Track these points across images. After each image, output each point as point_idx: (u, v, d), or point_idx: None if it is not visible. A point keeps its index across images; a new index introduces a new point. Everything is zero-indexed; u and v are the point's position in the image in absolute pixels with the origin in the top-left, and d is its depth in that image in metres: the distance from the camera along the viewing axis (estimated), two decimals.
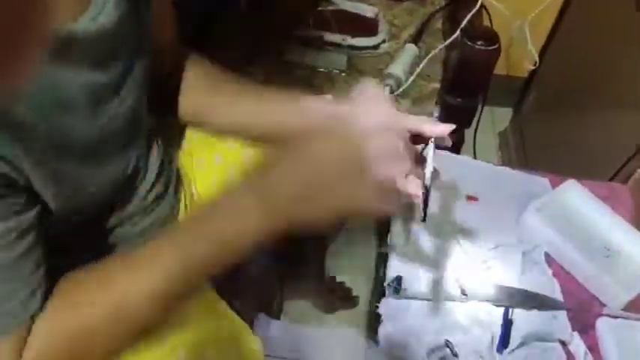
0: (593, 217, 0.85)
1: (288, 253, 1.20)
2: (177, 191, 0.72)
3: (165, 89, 0.65)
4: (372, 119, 0.54)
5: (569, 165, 1.23)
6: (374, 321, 0.80)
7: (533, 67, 1.46)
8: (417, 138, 0.59)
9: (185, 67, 0.67)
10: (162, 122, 0.69)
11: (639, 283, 0.78)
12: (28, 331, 0.45)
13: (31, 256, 0.45)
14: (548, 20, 1.51)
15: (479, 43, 0.98)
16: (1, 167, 0.40)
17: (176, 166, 0.74)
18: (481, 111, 1.33)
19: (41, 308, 0.46)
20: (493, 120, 1.80)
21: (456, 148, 1.12)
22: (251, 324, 0.76)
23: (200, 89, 0.67)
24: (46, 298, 0.46)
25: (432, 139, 0.59)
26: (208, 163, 0.77)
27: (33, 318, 0.45)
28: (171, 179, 0.71)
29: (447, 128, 0.55)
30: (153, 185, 0.65)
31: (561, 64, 1.45)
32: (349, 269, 1.37)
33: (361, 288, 1.34)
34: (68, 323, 0.47)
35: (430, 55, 1.19)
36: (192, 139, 0.78)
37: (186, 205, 0.73)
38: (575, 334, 0.74)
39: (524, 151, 1.55)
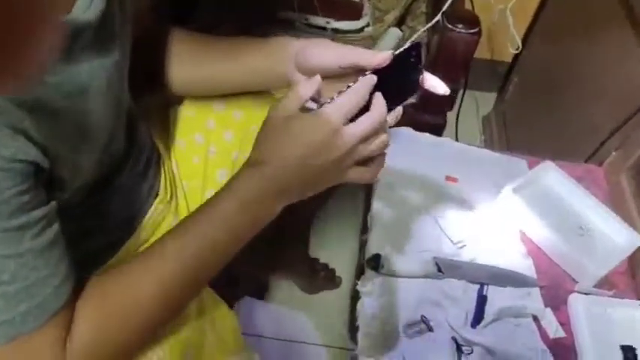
0: (568, 198, 0.87)
1: (271, 235, 1.22)
2: (157, 172, 0.72)
3: (145, 67, 0.65)
4: (326, 58, 0.57)
5: (548, 147, 1.25)
6: (354, 299, 0.82)
7: (516, 52, 1.47)
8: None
9: (166, 43, 0.67)
10: (139, 104, 0.70)
11: (611, 261, 0.80)
12: (64, 321, 0.46)
13: (58, 244, 0.46)
14: (530, 5, 1.52)
15: (459, 26, 0.99)
16: (34, 155, 0.42)
17: (155, 148, 0.75)
18: (463, 94, 1.35)
19: (71, 300, 0.47)
20: (477, 104, 1.81)
21: (437, 131, 1.14)
22: (232, 306, 0.77)
23: (183, 56, 0.68)
24: (73, 288, 0.48)
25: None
26: (189, 144, 0.78)
27: (64, 308, 0.46)
28: (152, 160, 0.72)
29: (384, 56, 0.54)
30: (133, 166, 0.66)
31: (543, 49, 1.46)
32: (333, 251, 1.39)
33: (345, 269, 1.36)
34: (116, 307, 0.49)
35: (413, 39, 1.20)
36: (172, 120, 0.79)
37: (166, 187, 0.74)
38: (548, 309, 0.77)
39: (507, 135, 1.57)
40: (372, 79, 0.52)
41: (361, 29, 1.30)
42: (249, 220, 0.53)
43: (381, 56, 0.53)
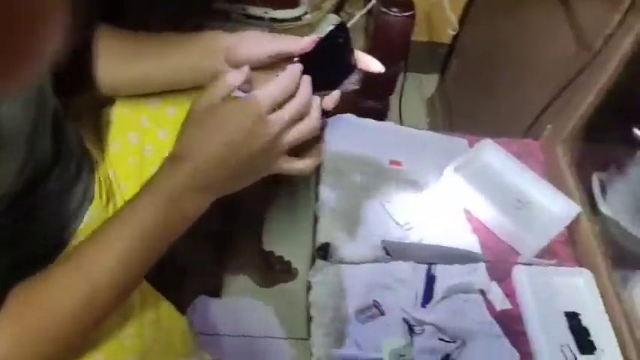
0: (507, 173, 0.90)
1: (223, 229, 1.20)
2: (90, 175, 0.70)
3: (72, 67, 0.63)
4: (255, 50, 0.57)
5: (489, 126, 1.28)
6: (307, 289, 0.82)
7: (454, 33, 1.50)
8: None
9: (94, 42, 0.65)
10: (68, 105, 0.67)
11: (550, 231, 0.83)
12: None
13: None
14: None
15: (394, 10, 1.00)
16: None
17: (87, 152, 0.72)
18: (405, 78, 1.36)
19: None
20: (421, 86, 1.84)
21: (380, 116, 1.14)
22: (184, 303, 0.75)
23: (111, 56, 0.66)
24: None
25: None
26: (123, 145, 0.75)
27: None
28: (84, 163, 0.69)
29: (308, 41, 0.54)
30: (62, 173, 0.63)
31: (479, 30, 1.50)
32: (288, 242, 1.39)
33: (301, 262, 1.36)
34: (33, 321, 0.47)
35: (350, 24, 1.20)
36: (104, 121, 0.76)
37: (101, 191, 0.71)
38: (494, 283, 0.79)
39: (451, 116, 1.60)
40: (297, 66, 0.51)
41: (299, 17, 1.30)
42: (174, 217, 0.52)
43: (305, 41, 0.53)
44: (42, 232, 0.61)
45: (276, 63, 0.58)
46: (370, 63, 0.59)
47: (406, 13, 0.99)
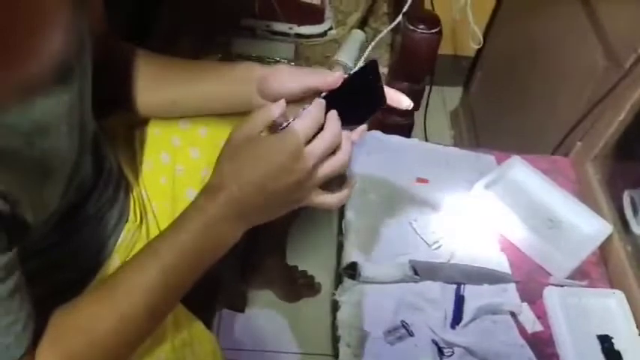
0: (537, 191, 0.88)
1: (247, 245, 1.21)
2: (126, 196, 0.71)
3: (109, 90, 0.64)
4: (287, 83, 0.58)
5: (516, 140, 1.26)
6: (334, 308, 0.81)
7: (478, 47, 1.49)
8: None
9: (130, 65, 0.66)
10: (103, 126, 0.68)
11: (582, 251, 0.82)
12: None
13: (19, 291, 0.45)
14: (489, 1, 1.54)
15: (421, 27, 0.99)
16: None
17: (122, 172, 0.73)
18: (429, 92, 1.36)
19: (33, 345, 0.46)
20: (444, 100, 1.83)
21: (406, 131, 1.14)
22: (211, 319, 0.76)
23: (147, 80, 0.67)
24: (35, 335, 0.47)
25: None
26: (155, 165, 0.76)
27: (26, 354, 0.45)
28: (121, 184, 0.70)
29: (336, 78, 0.55)
30: (101, 193, 0.65)
31: (504, 43, 1.49)
32: (311, 257, 1.39)
33: (325, 276, 1.36)
34: (73, 346, 0.48)
35: (376, 40, 1.20)
36: (137, 141, 0.77)
37: (135, 211, 0.72)
38: (525, 304, 0.78)
39: (475, 129, 1.59)
40: (322, 100, 0.52)
41: (324, 33, 1.30)
42: (209, 246, 0.52)
43: (334, 77, 0.54)
44: (82, 254, 0.62)
45: (305, 96, 0.59)
46: (400, 100, 0.60)
47: (433, 30, 0.98)
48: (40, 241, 0.55)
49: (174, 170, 0.77)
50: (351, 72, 0.56)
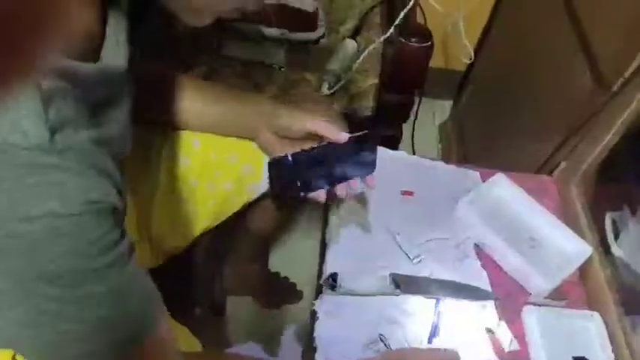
0: (519, 209, 0.89)
1: (228, 250, 1.20)
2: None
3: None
4: (295, 123, 0.70)
5: (502, 156, 1.27)
6: (312, 319, 0.81)
7: (469, 62, 1.50)
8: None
9: (159, 82, 0.72)
10: None
11: (562, 272, 0.82)
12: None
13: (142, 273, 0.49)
14: (482, 15, 1.55)
15: (412, 40, 1.00)
16: (113, 196, 0.44)
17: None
18: (419, 104, 1.36)
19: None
20: (434, 112, 1.84)
21: (393, 143, 1.14)
22: (191, 324, 0.75)
23: (187, 101, 0.74)
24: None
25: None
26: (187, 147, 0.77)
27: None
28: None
29: (341, 137, 0.67)
30: None
31: (495, 59, 1.50)
32: (294, 265, 1.38)
33: (307, 283, 1.35)
34: None
35: (368, 50, 1.20)
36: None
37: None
38: (503, 322, 0.77)
39: (463, 143, 1.60)
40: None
41: (316, 40, 1.30)
42: None
43: (341, 135, 0.66)
44: None
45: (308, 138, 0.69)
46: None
47: (424, 44, 0.99)
48: None
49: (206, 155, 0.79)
50: (355, 135, 0.69)
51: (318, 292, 0.82)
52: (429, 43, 1.00)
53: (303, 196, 0.71)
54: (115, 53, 0.48)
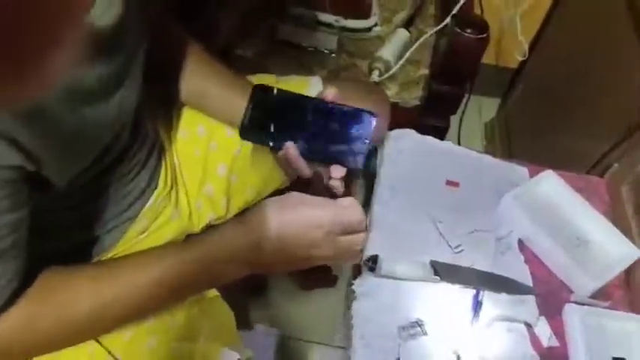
0: (567, 207, 0.87)
1: None
2: (158, 161, 0.73)
3: (157, 68, 0.66)
4: None
5: (550, 156, 1.25)
6: (349, 298, 0.82)
7: (523, 59, 1.47)
8: None
9: (179, 50, 0.69)
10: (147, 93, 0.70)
11: (607, 273, 0.80)
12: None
13: (17, 247, 0.46)
14: (540, 12, 1.52)
15: (468, 31, 0.99)
16: (18, 158, 0.42)
17: (159, 137, 0.75)
18: (468, 99, 1.35)
19: (14, 297, 0.48)
20: (480, 109, 1.81)
21: (441, 134, 1.14)
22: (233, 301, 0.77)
23: (195, 76, 0.72)
24: (20, 288, 0.48)
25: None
26: (191, 135, 0.78)
27: (4, 306, 0.47)
28: (154, 149, 0.72)
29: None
30: (135, 154, 0.66)
31: (550, 58, 1.46)
32: None
33: (341, 270, 1.37)
34: (47, 317, 0.50)
35: (420, 41, 1.20)
36: (176, 109, 0.79)
37: (166, 177, 0.73)
38: (542, 318, 0.77)
39: (509, 142, 1.57)
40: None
41: (369, 29, 1.30)
42: (212, 277, 0.57)
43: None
44: (112, 210, 0.64)
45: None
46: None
47: (480, 35, 0.98)
48: (71, 198, 0.56)
49: (209, 145, 0.79)
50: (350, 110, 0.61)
51: (356, 273, 0.83)
52: (485, 35, 0.99)
53: (271, 147, 0.60)
54: (103, 12, 0.46)
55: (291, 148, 0.57)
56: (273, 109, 0.59)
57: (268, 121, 0.59)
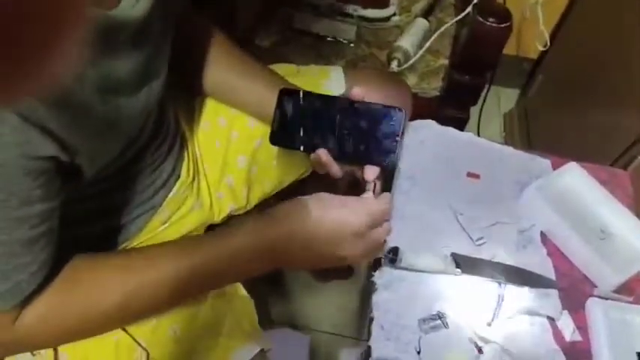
0: (591, 200, 0.86)
1: None
2: (180, 151, 0.73)
3: (181, 58, 0.66)
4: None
5: (571, 148, 1.23)
6: (369, 290, 0.82)
7: (544, 49, 1.45)
8: None
9: (202, 40, 0.69)
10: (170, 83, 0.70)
11: (632, 266, 0.79)
12: (25, 304, 0.48)
13: (48, 235, 0.47)
14: (561, 1, 1.49)
15: (490, 20, 0.97)
16: (52, 148, 0.42)
17: (181, 128, 0.75)
18: (488, 90, 1.33)
19: (43, 285, 0.48)
20: (499, 100, 1.79)
21: (461, 125, 1.12)
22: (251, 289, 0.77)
23: (219, 67, 0.71)
24: (49, 276, 0.49)
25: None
26: (212, 126, 0.78)
27: (32, 294, 0.48)
28: (176, 139, 0.72)
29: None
30: (159, 144, 0.66)
31: (571, 48, 1.44)
32: None
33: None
34: (74, 306, 0.51)
35: (440, 30, 1.18)
36: (198, 101, 0.79)
37: (188, 167, 0.74)
38: (565, 312, 0.76)
39: (528, 134, 1.55)
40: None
41: (388, 18, 1.29)
42: (237, 271, 0.57)
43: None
44: (135, 201, 0.64)
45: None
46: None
47: (503, 25, 0.96)
48: (97, 186, 0.57)
49: (230, 135, 0.78)
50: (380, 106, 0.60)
51: (376, 265, 0.83)
52: (508, 23, 0.97)
53: (302, 151, 0.61)
54: (133, 5, 0.47)
55: (323, 154, 0.58)
56: (301, 113, 0.59)
57: (297, 125, 0.60)
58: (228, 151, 0.78)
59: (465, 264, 0.78)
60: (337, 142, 0.59)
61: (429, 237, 0.82)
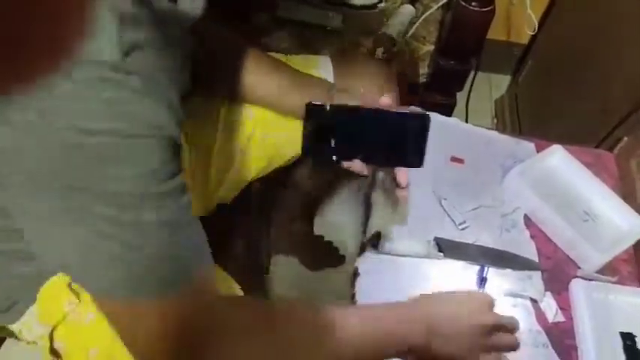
0: (575, 182, 0.86)
1: (274, 209, 1.22)
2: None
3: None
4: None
5: (561, 132, 1.23)
6: (353, 276, 0.82)
7: (532, 33, 1.44)
8: None
9: (214, 43, 0.71)
10: None
11: (615, 247, 0.79)
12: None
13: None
14: None
15: (473, 4, 0.97)
16: (174, 130, 0.43)
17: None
18: (475, 76, 1.33)
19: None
20: (490, 87, 1.79)
21: (447, 111, 1.12)
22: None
23: (236, 68, 0.72)
24: None
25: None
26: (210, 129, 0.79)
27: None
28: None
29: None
30: None
31: (558, 32, 1.43)
32: (337, 231, 1.39)
33: (348, 250, 1.36)
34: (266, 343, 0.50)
35: (425, 16, 1.18)
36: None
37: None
38: (548, 293, 0.76)
39: (519, 119, 1.55)
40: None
41: (374, 5, 1.28)
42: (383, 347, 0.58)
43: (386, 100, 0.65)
44: None
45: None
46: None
47: (485, 8, 0.96)
48: None
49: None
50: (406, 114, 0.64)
51: (362, 251, 0.83)
52: (490, 7, 0.96)
53: (335, 161, 0.64)
54: (193, 1, 0.48)
55: (357, 165, 0.62)
56: (331, 124, 0.62)
57: (328, 136, 0.62)
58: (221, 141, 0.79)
59: (447, 248, 0.78)
60: (367, 149, 0.63)
61: (413, 222, 0.82)
